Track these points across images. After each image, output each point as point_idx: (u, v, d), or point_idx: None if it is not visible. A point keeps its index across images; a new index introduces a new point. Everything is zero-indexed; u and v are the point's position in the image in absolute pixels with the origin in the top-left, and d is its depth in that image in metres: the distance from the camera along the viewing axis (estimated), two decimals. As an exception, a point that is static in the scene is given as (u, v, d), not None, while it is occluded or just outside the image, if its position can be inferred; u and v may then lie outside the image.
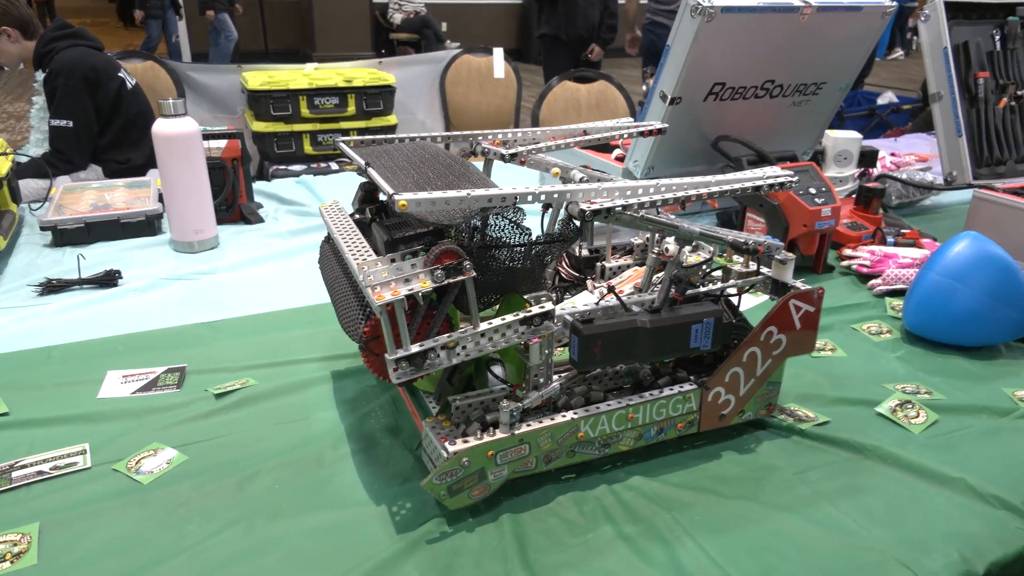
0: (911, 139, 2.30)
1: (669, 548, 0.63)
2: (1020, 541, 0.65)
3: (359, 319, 0.65)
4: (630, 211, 0.66)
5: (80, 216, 1.28)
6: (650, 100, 1.28)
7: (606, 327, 0.66)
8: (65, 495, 0.68)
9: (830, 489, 0.71)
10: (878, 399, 0.85)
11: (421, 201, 0.59)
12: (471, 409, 0.68)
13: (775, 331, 0.74)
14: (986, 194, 1.27)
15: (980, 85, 1.39)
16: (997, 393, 0.88)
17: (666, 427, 0.73)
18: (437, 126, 3.28)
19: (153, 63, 2.80)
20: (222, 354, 0.93)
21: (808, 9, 1.21)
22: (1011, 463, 0.75)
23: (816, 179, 1.18)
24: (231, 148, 1.37)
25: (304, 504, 0.68)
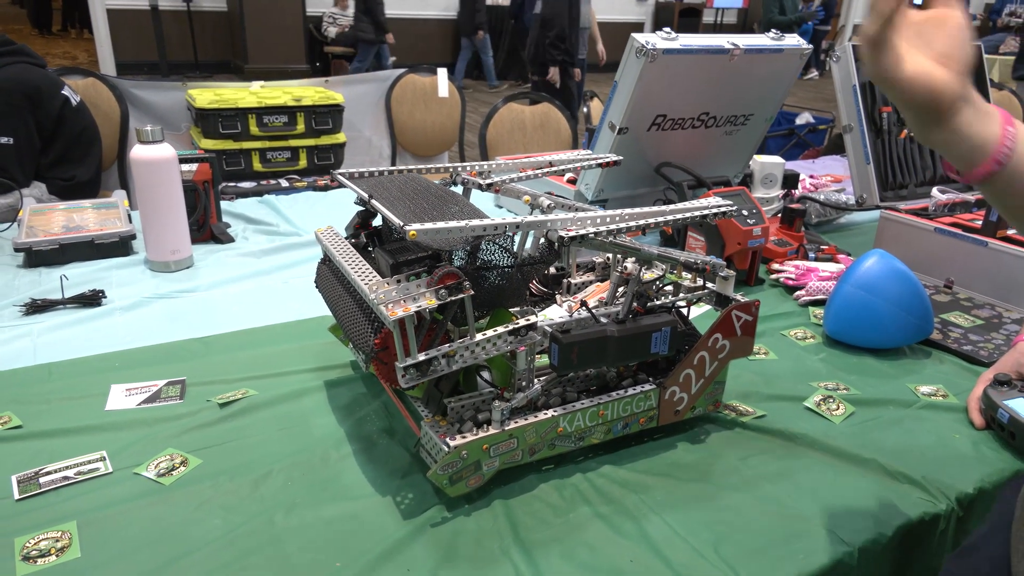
0: (827, 161, 2.52)
1: (638, 523, 0.74)
2: (920, 509, 0.78)
3: (368, 333, 0.74)
4: (601, 237, 0.77)
5: (55, 238, 1.31)
6: (600, 129, 1.41)
7: (581, 336, 0.77)
8: (94, 497, 0.74)
9: (768, 471, 0.84)
10: (805, 395, 0.99)
11: (428, 231, 0.69)
12: (464, 409, 0.78)
13: (720, 337, 0.86)
14: (891, 214, 1.45)
15: (884, 119, 1.58)
16: (902, 388, 1.03)
17: (630, 422, 0.85)
18: (383, 144, 3.35)
19: (95, 79, 2.78)
20: (217, 367, 1.00)
21: (737, 51, 1.36)
22: (913, 446, 0.89)
23: (747, 202, 1.33)
24: (202, 171, 1.42)
25: (317, 498, 0.76)
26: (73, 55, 9.58)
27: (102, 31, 8.09)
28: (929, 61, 0.59)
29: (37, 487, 0.75)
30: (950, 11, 0.60)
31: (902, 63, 0.57)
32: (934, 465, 0.85)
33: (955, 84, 0.58)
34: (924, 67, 0.58)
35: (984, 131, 0.59)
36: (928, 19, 0.60)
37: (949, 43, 0.59)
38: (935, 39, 0.59)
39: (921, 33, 0.60)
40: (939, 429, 0.93)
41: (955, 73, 0.58)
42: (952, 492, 0.80)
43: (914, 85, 0.58)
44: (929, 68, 0.58)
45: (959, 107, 0.59)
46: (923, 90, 0.58)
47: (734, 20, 12.45)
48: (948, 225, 1.37)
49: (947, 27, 0.60)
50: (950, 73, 0.58)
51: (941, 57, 0.59)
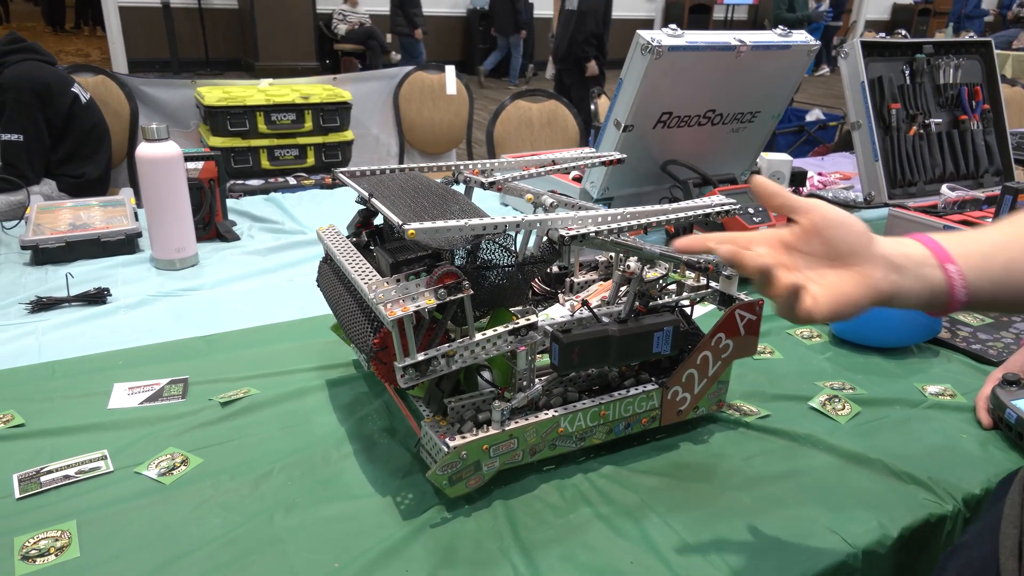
0: (836, 158, 2.50)
1: (639, 524, 0.74)
2: (927, 510, 0.77)
3: (368, 332, 0.74)
4: (602, 236, 0.76)
5: (61, 235, 1.32)
6: (605, 127, 1.40)
7: (582, 336, 0.76)
8: (94, 496, 0.74)
9: (771, 472, 0.83)
10: (810, 395, 0.98)
11: (427, 230, 0.68)
12: (464, 409, 0.78)
13: (723, 337, 0.85)
14: (900, 212, 1.43)
15: (893, 115, 1.56)
16: (909, 387, 1.02)
17: (632, 422, 0.84)
18: (391, 141, 3.35)
19: (105, 77, 2.79)
20: (220, 366, 1.00)
21: (744, 48, 1.35)
22: (920, 446, 0.88)
23: (753, 200, 1.32)
24: (208, 169, 1.43)
25: (317, 497, 0.76)
26: (86, 52, 9.64)
27: (114, 28, 8.15)
28: (834, 274, 0.56)
29: (38, 486, 0.75)
30: (811, 212, 0.58)
31: (817, 302, 0.55)
32: (941, 466, 0.84)
33: (872, 279, 0.56)
34: (836, 289, 0.55)
35: (929, 284, 0.57)
36: (800, 234, 0.58)
37: (834, 242, 0.57)
38: (820, 247, 0.57)
39: (808, 250, 0.58)
40: (946, 429, 0.92)
41: (864, 266, 0.56)
42: (959, 493, 0.79)
43: (841, 311, 0.55)
44: (840, 286, 0.55)
45: (892, 285, 0.57)
46: (851, 309, 0.56)
47: (745, 16, 12.37)
48: (957, 223, 1.35)
49: (822, 230, 0.57)
50: (861, 272, 0.56)
51: (840, 260, 0.57)
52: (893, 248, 0.58)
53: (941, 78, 1.64)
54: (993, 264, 0.58)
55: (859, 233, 0.57)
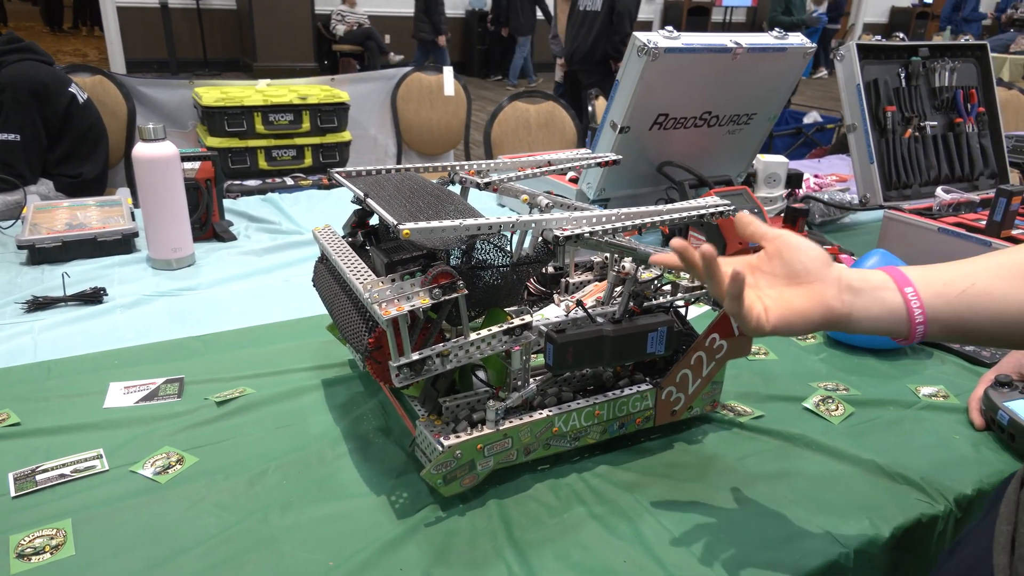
0: (833, 160, 2.51)
1: (632, 523, 0.74)
2: (918, 510, 0.78)
3: (363, 332, 0.74)
4: (596, 236, 0.77)
5: (57, 235, 1.32)
6: (601, 128, 1.41)
7: (576, 336, 0.76)
8: (89, 495, 0.75)
9: (765, 472, 0.83)
10: (804, 395, 0.98)
11: (421, 230, 0.69)
12: (459, 409, 0.78)
13: (717, 337, 0.86)
14: (895, 214, 1.44)
15: (888, 118, 1.57)
16: (903, 389, 1.02)
17: (627, 422, 0.84)
18: (389, 142, 3.35)
19: (103, 77, 2.79)
20: (216, 366, 1.00)
21: (740, 50, 1.35)
22: (912, 446, 0.89)
23: (749, 201, 1.32)
24: (204, 169, 1.43)
25: (312, 496, 0.76)
26: (84, 52, 9.64)
27: (112, 29, 8.15)
28: (790, 290, 0.61)
29: (33, 484, 0.75)
30: (775, 239, 0.63)
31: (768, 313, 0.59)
32: (933, 466, 0.84)
33: (824, 297, 0.60)
34: (787, 303, 0.60)
35: (887, 307, 0.60)
36: (764, 258, 0.63)
37: (792, 263, 0.61)
38: (780, 268, 0.62)
39: (769, 270, 0.63)
40: (939, 430, 0.92)
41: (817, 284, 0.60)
42: (951, 493, 0.80)
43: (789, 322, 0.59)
44: (791, 301, 0.60)
45: (846, 304, 0.60)
46: (800, 322, 0.60)
47: (743, 19, 12.39)
48: (952, 225, 1.36)
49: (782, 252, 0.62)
50: (814, 290, 0.60)
51: (796, 279, 0.61)
52: (852, 273, 0.62)
53: (936, 81, 1.65)
54: (952, 290, 0.60)
55: (815, 257, 0.62)
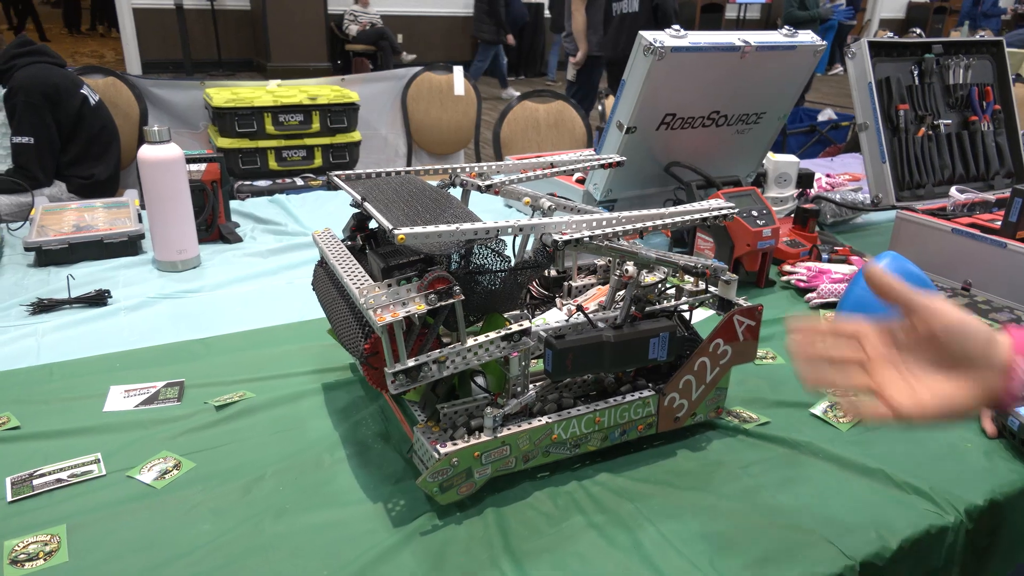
0: (846, 159, 2.47)
1: (632, 533, 0.73)
2: (927, 521, 0.76)
3: (359, 337, 0.74)
4: (596, 240, 0.75)
5: (64, 237, 1.32)
6: (608, 129, 1.39)
7: (576, 342, 0.75)
8: (85, 500, 0.74)
9: (769, 480, 0.82)
10: (812, 401, 0.96)
11: (417, 235, 0.68)
12: (457, 415, 0.77)
13: (721, 343, 0.84)
14: (908, 215, 1.41)
15: (901, 116, 1.54)
16: (913, 394, 1.00)
17: (628, 429, 0.83)
18: (399, 142, 3.35)
19: (115, 79, 2.81)
20: (217, 369, 0.99)
21: (748, 48, 1.33)
22: (922, 454, 0.87)
23: (758, 202, 1.30)
24: (211, 171, 1.43)
25: (307, 503, 0.75)
26: (101, 53, 9.72)
27: (128, 30, 8.21)
28: (944, 378, 0.54)
29: (30, 489, 0.75)
30: (933, 318, 0.54)
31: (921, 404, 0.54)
32: (943, 475, 0.82)
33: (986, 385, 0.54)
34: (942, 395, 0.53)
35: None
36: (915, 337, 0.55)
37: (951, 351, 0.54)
38: (934, 354, 0.55)
39: (918, 350, 0.55)
40: (950, 438, 0.90)
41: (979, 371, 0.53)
42: (961, 504, 0.78)
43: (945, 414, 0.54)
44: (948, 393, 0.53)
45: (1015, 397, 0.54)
46: (957, 414, 0.54)
47: (757, 15, 12.29)
48: (966, 226, 1.33)
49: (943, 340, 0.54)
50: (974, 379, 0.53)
51: (954, 366, 0.54)
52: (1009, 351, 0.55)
53: (951, 78, 1.62)
54: None
55: (981, 343, 0.54)
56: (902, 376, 0.55)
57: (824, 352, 0.57)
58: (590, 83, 4.64)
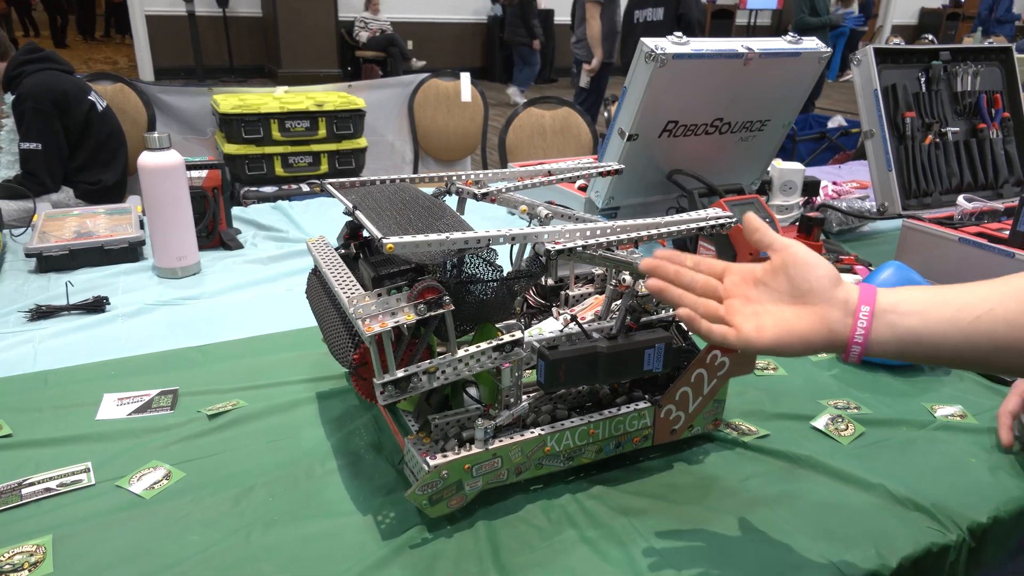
0: (854, 166, 2.45)
1: (625, 549, 0.71)
2: (929, 538, 0.74)
3: (349, 347, 0.73)
4: (590, 250, 0.74)
5: (65, 243, 1.32)
6: (609, 136, 1.38)
7: (569, 353, 0.74)
8: (73, 510, 0.74)
9: (767, 495, 0.80)
10: (813, 413, 0.95)
11: (406, 244, 0.67)
12: (449, 427, 0.76)
13: (719, 354, 0.83)
14: (914, 223, 1.39)
15: (908, 124, 1.52)
16: (917, 407, 0.98)
17: (623, 441, 0.82)
18: (406, 148, 3.35)
19: (123, 85, 2.83)
20: (212, 377, 0.99)
21: (752, 55, 1.32)
22: (925, 469, 0.85)
23: (760, 210, 1.29)
24: (212, 177, 1.43)
25: (297, 515, 0.75)
26: (114, 60, 9.82)
27: (141, 37, 8.30)
28: (792, 309, 0.59)
29: (18, 499, 0.74)
30: (781, 251, 0.61)
31: (762, 331, 0.59)
32: (946, 491, 0.80)
33: (828, 320, 0.58)
34: (787, 323, 0.59)
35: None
36: (769, 270, 0.61)
37: (797, 281, 0.59)
38: (785, 284, 0.60)
39: (773, 285, 0.61)
40: (954, 452, 0.88)
41: (822, 306, 0.58)
42: (964, 521, 0.76)
43: (785, 344, 0.59)
44: (792, 322, 0.59)
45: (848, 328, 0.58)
46: (798, 344, 0.58)
47: (768, 22, 12.26)
48: (973, 235, 1.31)
49: (788, 268, 0.60)
50: (817, 312, 0.58)
51: (801, 298, 0.59)
52: (854, 292, 0.59)
53: (959, 85, 1.60)
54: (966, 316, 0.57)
55: (823, 276, 0.59)
56: (751, 306, 0.60)
57: (682, 278, 0.63)
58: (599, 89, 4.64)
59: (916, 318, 0.57)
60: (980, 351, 0.57)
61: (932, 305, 0.58)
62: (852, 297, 0.59)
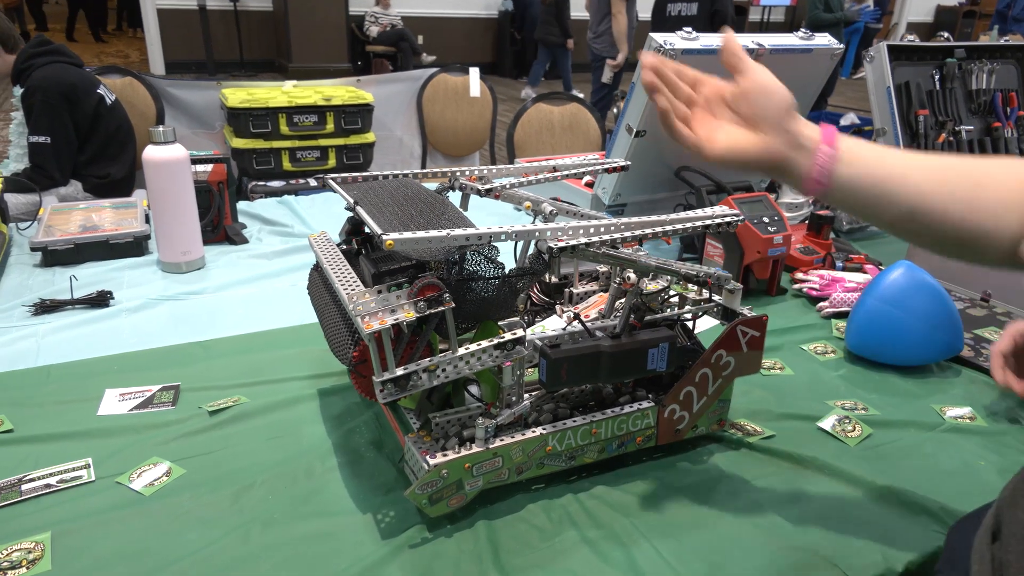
0: (866, 164, 2.42)
1: (627, 550, 0.70)
2: (936, 542, 0.73)
3: (348, 344, 0.72)
4: (593, 247, 0.73)
5: (70, 237, 1.32)
6: (617, 132, 1.37)
7: (572, 351, 0.73)
8: (73, 506, 0.73)
9: (772, 497, 0.79)
10: (820, 414, 0.94)
11: (406, 240, 0.66)
12: (449, 425, 0.75)
13: (724, 354, 0.82)
14: (926, 222, 1.37)
15: (920, 122, 1.50)
16: (926, 409, 0.97)
17: (626, 441, 0.81)
18: (414, 143, 3.34)
19: (132, 79, 2.83)
20: (214, 373, 0.99)
21: (762, 51, 1.30)
22: (932, 472, 0.83)
23: (769, 208, 1.27)
24: (217, 172, 1.42)
25: (296, 513, 0.74)
26: (126, 54, 9.85)
27: (152, 30, 8.32)
28: (744, 131, 0.64)
29: (18, 495, 0.74)
30: (746, 75, 0.65)
31: (712, 143, 0.64)
32: (954, 495, 0.79)
33: (769, 145, 0.63)
34: (734, 140, 0.64)
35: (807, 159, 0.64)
36: (736, 92, 0.65)
37: (755, 106, 0.64)
38: (745, 108, 0.64)
39: (735, 107, 0.65)
40: (963, 455, 0.87)
41: (768, 133, 0.63)
42: (973, 526, 0.75)
43: (729, 157, 0.64)
44: (739, 139, 0.64)
45: (785, 158, 0.64)
46: (739, 159, 0.64)
47: (782, 18, 12.17)
48: (986, 234, 1.28)
49: (748, 93, 0.64)
50: (763, 137, 0.63)
51: (754, 122, 0.64)
52: (804, 128, 0.64)
53: (974, 83, 1.57)
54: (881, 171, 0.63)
55: (779, 106, 0.63)
56: (713, 118, 0.66)
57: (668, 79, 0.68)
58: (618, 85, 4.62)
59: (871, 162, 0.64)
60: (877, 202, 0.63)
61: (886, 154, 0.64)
62: (804, 132, 0.64)
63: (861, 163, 0.63)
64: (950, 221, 0.62)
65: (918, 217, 0.63)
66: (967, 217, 0.62)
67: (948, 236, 0.63)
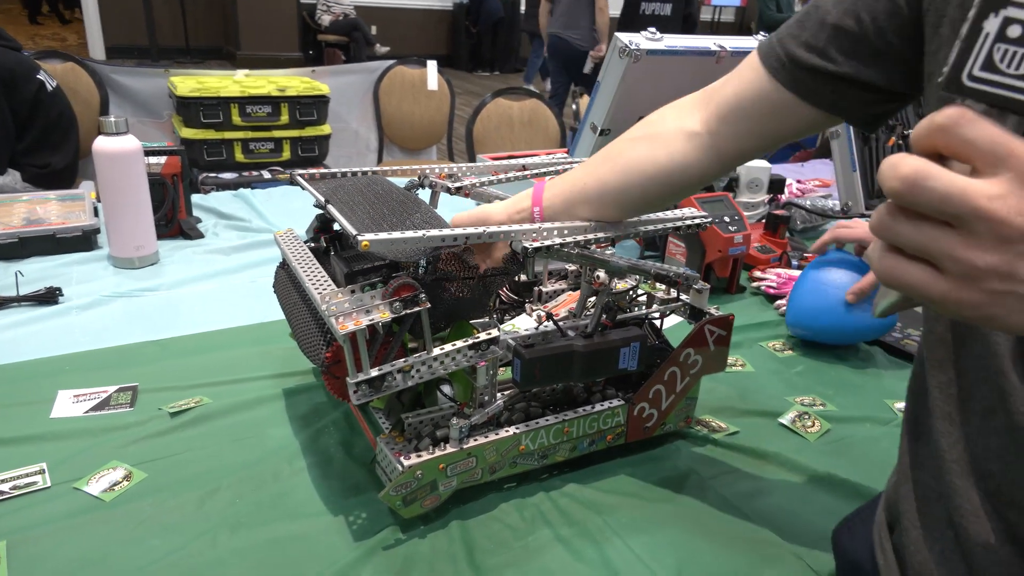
0: (816, 164, 2.49)
1: (599, 547, 0.71)
2: (894, 533, 0.76)
3: (320, 345, 0.71)
4: (567, 248, 0.73)
5: (13, 231, 1.27)
6: (581, 130, 1.37)
7: (545, 351, 0.73)
8: (28, 514, 0.70)
9: (738, 492, 0.81)
10: (780, 410, 0.96)
11: (382, 241, 0.65)
12: (422, 425, 0.75)
13: (692, 352, 0.83)
14: (877, 223, 1.42)
15: (872, 125, 1.55)
16: (880, 404, 1.00)
17: (597, 439, 0.82)
18: (371, 136, 3.30)
19: (74, 64, 2.72)
20: (173, 372, 0.96)
21: (724, 53, 1.32)
22: (888, 466, 0.85)
23: (729, 208, 1.30)
24: (171, 164, 1.38)
25: (264, 517, 0.72)
26: (63, 37, 9.45)
27: (91, 13, 7.99)
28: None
29: (-32, 502, 0.71)
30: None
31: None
32: (910, 488, 0.82)
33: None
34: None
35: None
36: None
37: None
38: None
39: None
40: (916, 449, 0.90)
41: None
42: (927, 517, 0.78)
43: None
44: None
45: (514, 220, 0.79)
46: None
47: (732, 19, 12.39)
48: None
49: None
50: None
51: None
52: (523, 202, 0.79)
53: (921, 87, 1.63)
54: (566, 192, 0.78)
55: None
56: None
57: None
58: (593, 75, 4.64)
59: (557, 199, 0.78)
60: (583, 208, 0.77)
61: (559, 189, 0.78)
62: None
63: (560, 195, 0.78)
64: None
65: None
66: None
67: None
